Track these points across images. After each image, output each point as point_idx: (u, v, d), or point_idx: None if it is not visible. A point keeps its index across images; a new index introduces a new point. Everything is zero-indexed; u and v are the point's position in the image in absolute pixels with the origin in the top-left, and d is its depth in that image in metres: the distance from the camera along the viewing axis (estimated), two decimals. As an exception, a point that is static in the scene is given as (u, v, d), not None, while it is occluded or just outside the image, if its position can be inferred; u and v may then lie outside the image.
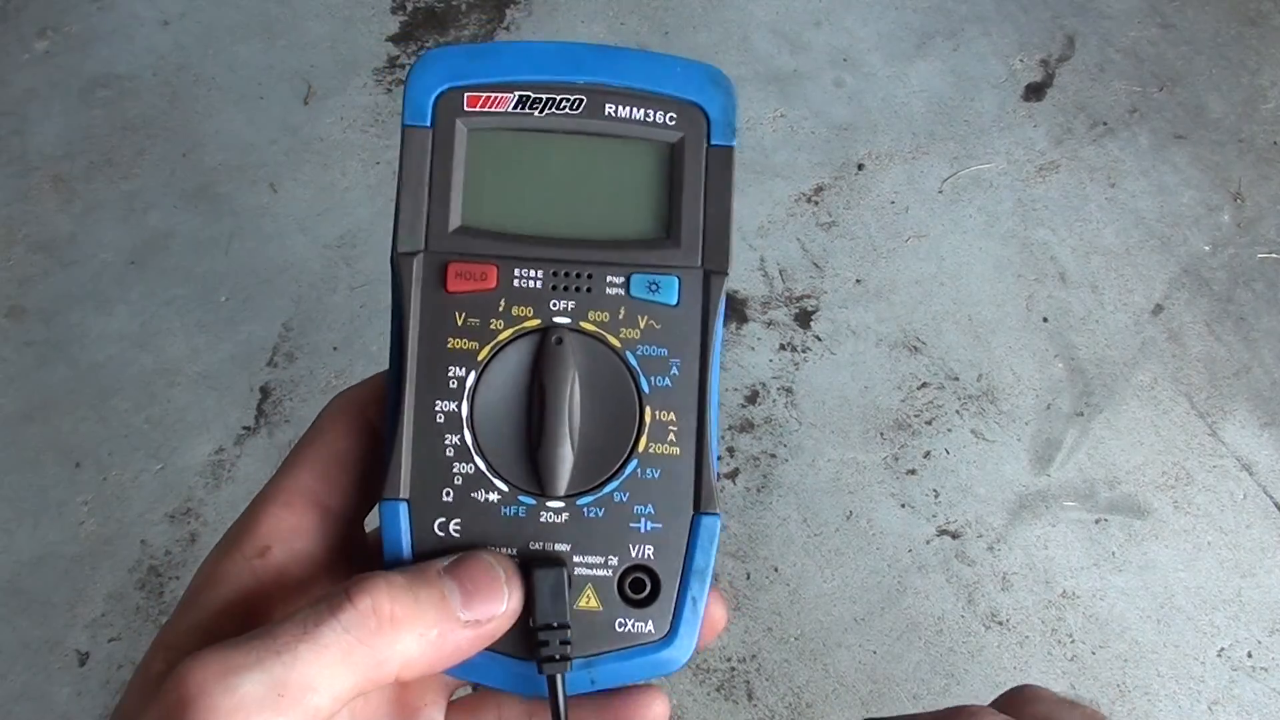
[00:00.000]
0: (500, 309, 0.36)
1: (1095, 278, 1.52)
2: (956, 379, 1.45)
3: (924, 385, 1.44)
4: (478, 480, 0.35)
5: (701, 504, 0.36)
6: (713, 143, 0.37)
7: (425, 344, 0.35)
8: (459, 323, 0.35)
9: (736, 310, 1.49)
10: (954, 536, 1.35)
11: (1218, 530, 1.35)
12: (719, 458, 0.37)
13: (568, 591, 0.35)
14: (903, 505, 1.36)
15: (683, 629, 0.36)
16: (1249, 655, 1.28)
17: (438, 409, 0.35)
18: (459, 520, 0.35)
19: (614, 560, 0.36)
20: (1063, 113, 1.66)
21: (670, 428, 0.36)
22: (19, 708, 1.20)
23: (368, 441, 0.37)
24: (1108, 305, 1.50)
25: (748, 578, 1.32)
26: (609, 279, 0.36)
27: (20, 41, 1.69)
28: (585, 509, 0.36)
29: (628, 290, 0.36)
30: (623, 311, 0.36)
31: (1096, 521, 1.36)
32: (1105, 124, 1.65)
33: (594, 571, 0.36)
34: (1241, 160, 1.62)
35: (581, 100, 0.36)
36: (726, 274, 0.37)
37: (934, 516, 1.36)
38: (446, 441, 0.35)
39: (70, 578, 1.29)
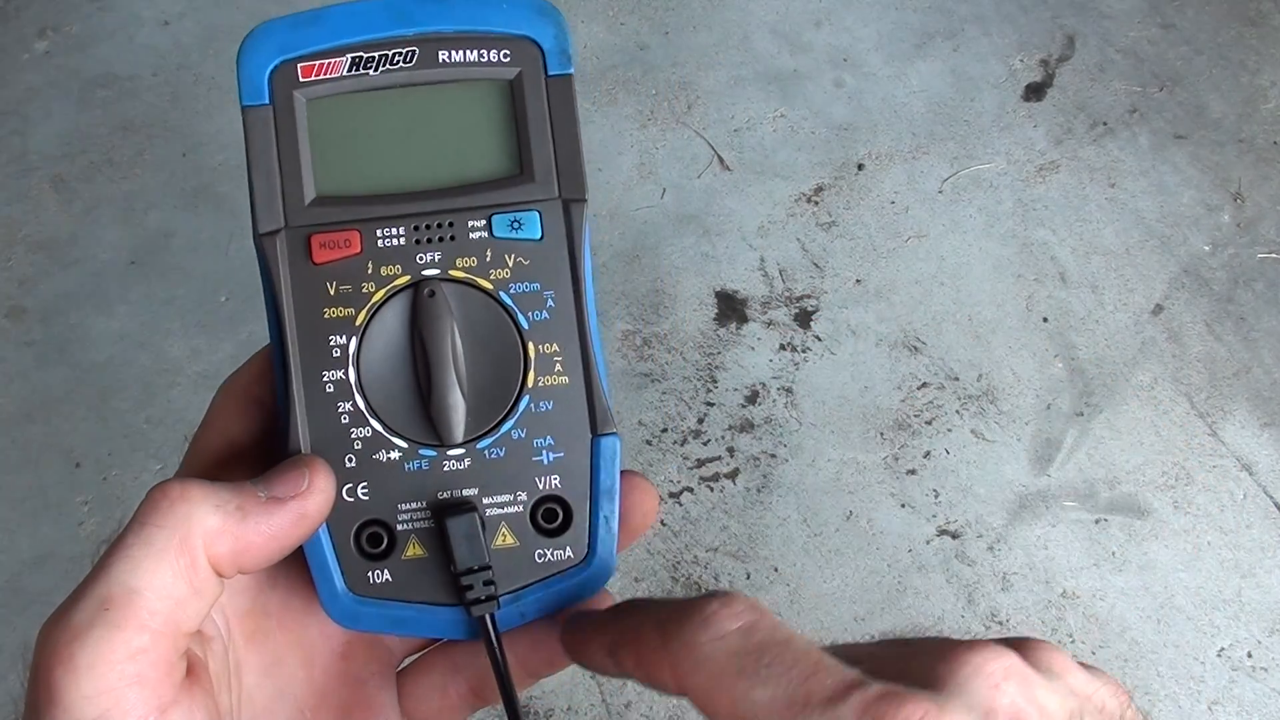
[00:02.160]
0: (369, 271, 0.36)
1: (1095, 278, 1.52)
2: (956, 379, 1.45)
3: (924, 385, 1.44)
4: (376, 441, 0.36)
5: (598, 426, 0.36)
6: (551, 73, 0.37)
7: (302, 318, 0.36)
8: (331, 292, 0.36)
9: (736, 310, 1.49)
10: (954, 536, 1.35)
11: (1218, 530, 1.35)
12: (608, 380, 0.37)
13: (482, 533, 0.35)
14: (903, 505, 1.36)
15: (600, 549, 0.37)
16: (1249, 655, 1.28)
17: (325, 379, 0.36)
18: (366, 483, 0.36)
19: (523, 495, 0.36)
20: (1063, 113, 1.66)
21: (556, 359, 0.36)
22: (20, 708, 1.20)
23: (259, 422, 0.37)
24: (1108, 305, 1.50)
25: (748, 578, 1.32)
26: (470, 223, 0.36)
27: (20, 41, 1.69)
28: (486, 451, 0.36)
29: (491, 231, 0.36)
30: (489, 253, 0.36)
31: (1096, 521, 1.36)
32: (1105, 124, 1.65)
33: (505, 510, 0.36)
34: (1241, 160, 1.62)
35: (414, 51, 0.36)
36: (585, 200, 0.37)
37: (934, 516, 1.36)
38: (340, 409, 0.36)
39: (70, 578, 1.29)
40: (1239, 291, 1.52)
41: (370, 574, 0.36)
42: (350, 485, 0.36)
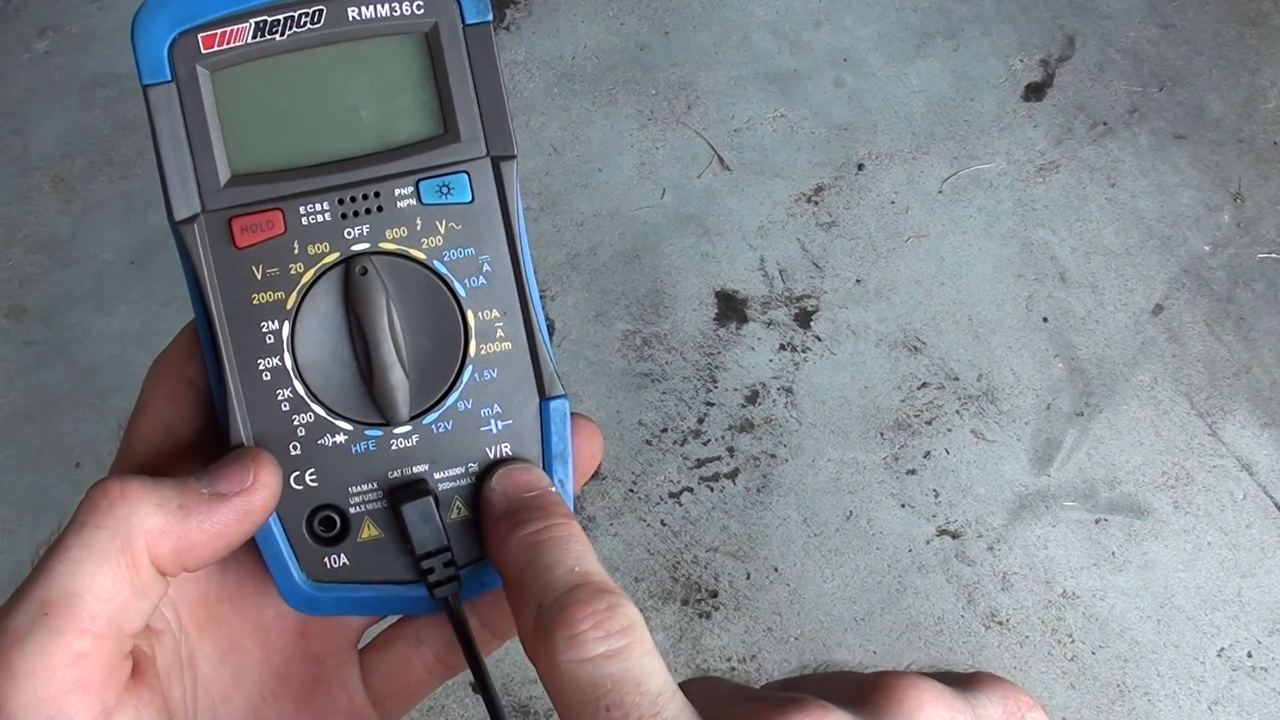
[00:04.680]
0: (296, 252, 0.34)
1: (1095, 278, 1.52)
2: (956, 379, 1.45)
3: (924, 385, 1.44)
4: (321, 426, 0.35)
5: (545, 390, 0.36)
6: (468, 22, 0.35)
7: (231, 306, 0.34)
8: (259, 276, 0.34)
9: (736, 310, 1.49)
10: (954, 536, 1.35)
11: (1218, 530, 1.35)
12: (550, 338, 0.37)
13: (438, 514, 0.35)
14: (903, 505, 1.36)
15: None
16: (1249, 655, 1.28)
17: (261, 367, 0.34)
18: (313, 469, 0.35)
19: (474, 467, 0.36)
20: (1063, 113, 1.66)
21: (497, 324, 0.35)
22: None
23: (194, 404, 0.36)
24: (1108, 305, 1.50)
25: (748, 578, 1.32)
26: (398, 192, 0.35)
27: (20, 41, 1.69)
28: (433, 426, 0.35)
29: (419, 199, 0.35)
30: (420, 221, 0.35)
31: (1096, 521, 1.36)
32: (1105, 124, 1.65)
33: (458, 483, 0.36)
34: (1241, 160, 1.62)
35: (321, 10, 0.34)
36: (514, 156, 0.35)
37: (934, 516, 1.36)
38: (279, 397, 0.35)
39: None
40: (1239, 291, 1.52)
41: (327, 559, 0.35)
42: (298, 473, 0.35)
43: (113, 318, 1.46)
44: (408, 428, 0.35)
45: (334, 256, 0.35)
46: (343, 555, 0.35)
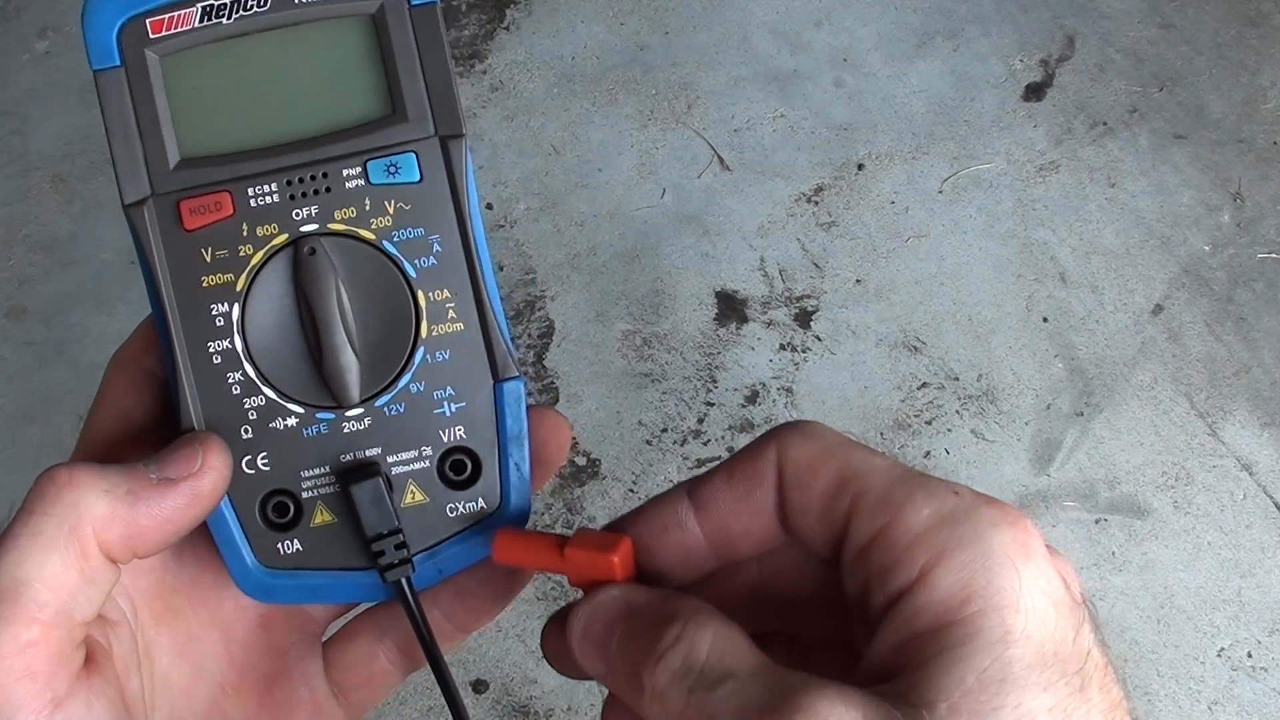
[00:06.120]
0: (245, 233, 0.34)
1: (1095, 278, 1.52)
2: (956, 379, 1.45)
3: (924, 385, 1.44)
4: (271, 409, 0.35)
5: (499, 371, 0.36)
6: (414, 3, 0.35)
7: (181, 289, 0.34)
8: (208, 259, 0.34)
9: (736, 310, 1.49)
10: (954, 536, 1.35)
11: (1218, 530, 1.35)
12: (507, 323, 0.36)
13: (389, 496, 0.35)
14: (903, 505, 1.36)
15: (514, 497, 0.36)
16: (1249, 655, 1.28)
17: (211, 350, 0.34)
18: (265, 453, 0.35)
19: (428, 450, 0.35)
20: (1063, 113, 1.66)
21: (448, 305, 0.35)
22: None
23: (152, 394, 0.36)
24: (1108, 305, 1.50)
25: (748, 578, 1.32)
26: (345, 172, 0.35)
27: (20, 41, 1.69)
28: (385, 408, 0.35)
29: (367, 178, 0.35)
30: (368, 202, 0.35)
31: (1096, 521, 1.36)
32: (1105, 124, 1.65)
33: (411, 466, 0.35)
34: (1241, 160, 1.62)
35: None
36: (463, 135, 0.35)
37: (934, 516, 1.36)
38: (230, 380, 0.35)
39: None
40: (1239, 291, 1.52)
41: (280, 545, 0.35)
42: (249, 457, 0.35)
43: (113, 318, 1.46)
44: (359, 410, 0.35)
45: (283, 238, 0.35)
46: (296, 541, 0.35)
